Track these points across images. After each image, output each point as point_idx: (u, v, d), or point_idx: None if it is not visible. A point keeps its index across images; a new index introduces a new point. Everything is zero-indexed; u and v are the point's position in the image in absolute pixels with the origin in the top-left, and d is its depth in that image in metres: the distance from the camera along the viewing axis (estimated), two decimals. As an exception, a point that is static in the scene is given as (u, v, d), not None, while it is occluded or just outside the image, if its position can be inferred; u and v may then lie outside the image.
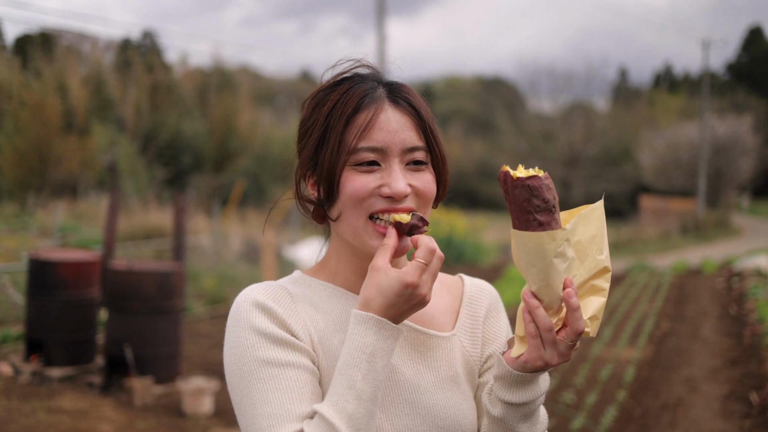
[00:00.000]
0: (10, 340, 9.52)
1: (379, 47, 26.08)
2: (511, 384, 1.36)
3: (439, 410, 1.49)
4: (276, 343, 1.39)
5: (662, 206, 35.88)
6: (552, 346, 1.30)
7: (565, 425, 6.79)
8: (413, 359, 1.52)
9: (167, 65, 40.65)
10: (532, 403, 1.38)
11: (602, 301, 1.33)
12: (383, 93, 1.47)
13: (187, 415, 7.23)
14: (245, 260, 16.64)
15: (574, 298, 1.27)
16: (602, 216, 1.35)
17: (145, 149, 32.15)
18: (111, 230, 9.93)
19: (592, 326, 1.32)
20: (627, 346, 9.90)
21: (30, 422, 6.77)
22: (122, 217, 17.60)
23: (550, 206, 1.23)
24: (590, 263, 1.32)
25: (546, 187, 1.24)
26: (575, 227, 1.29)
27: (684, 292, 14.84)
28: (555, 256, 1.24)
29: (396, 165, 1.43)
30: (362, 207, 1.42)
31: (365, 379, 1.29)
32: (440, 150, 1.51)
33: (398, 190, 1.40)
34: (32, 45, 34.31)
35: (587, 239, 1.31)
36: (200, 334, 10.21)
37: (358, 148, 1.42)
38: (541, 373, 1.36)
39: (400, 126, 1.44)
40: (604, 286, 1.34)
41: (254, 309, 1.43)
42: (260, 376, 1.36)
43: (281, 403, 1.33)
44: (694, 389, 8.04)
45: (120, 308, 7.77)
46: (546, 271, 1.25)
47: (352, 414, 1.27)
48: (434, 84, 63.54)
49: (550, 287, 1.27)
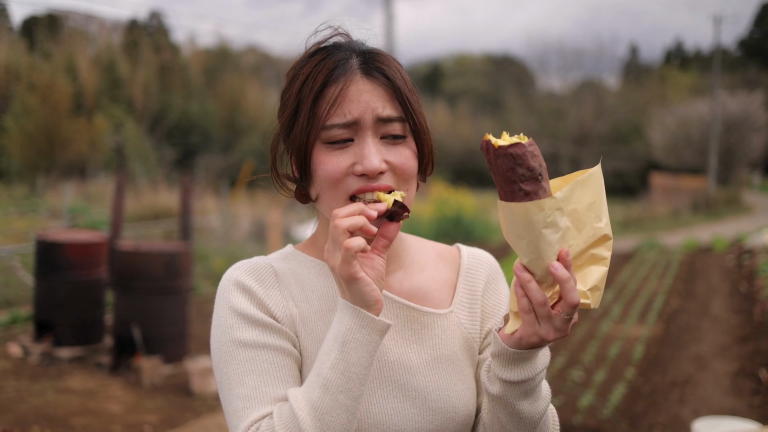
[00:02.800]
0: (19, 321, 9.57)
1: (386, 26, 25.93)
2: (508, 361, 1.29)
3: (431, 392, 1.43)
4: (254, 325, 1.36)
5: (673, 184, 35.70)
6: (547, 320, 1.23)
7: (573, 402, 6.78)
8: (405, 338, 1.46)
9: (175, 46, 40.60)
10: (532, 380, 1.31)
11: (603, 271, 1.27)
12: (356, 63, 1.38)
13: (195, 394, 7.26)
14: (254, 240, 16.64)
15: (560, 270, 1.19)
16: (600, 181, 1.26)
17: (154, 130, 32.19)
18: (118, 211, 9.93)
19: (593, 297, 1.26)
20: (636, 324, 9.87)
21: (40, 402, 6.81)
22: (131, 198, 17.65)
23: (535, 174, 1.16)
24: (588, 232, 1.24)
25: (530, 154, 1.16)
26: (570, 195, 1.20)
27: (694, 269, 14.78)
28: (544, 227, 1.18)
29: (369, 139, 1.34)
30: (339, 189, 1.35)
31: (334, 368, 1.23)
32: (420, 121, 1.41)
33: (371, 166, 1.32)
34: (39, 26, 34.31)
35: (584, 207, 1.23)
36: (209, 314, 10.17)
37: (329, 125, 1.34)
38: (538, 349, 1.28)
39: (372, 97, 1.35)
40: (605, 254, 1.27)
41: (235, 289, 1.40)
42: (237, 357, 1.34)
43: (256, 386, 1.31)
44: (704, 366, 8.01)
45: (127, 288, 7.79)
46: (536, 242, 1.19)
47: (315, 402, 1.22)
48: (443, 62, 63.27)
49: (541, 259, 1.21)
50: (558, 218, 1.19)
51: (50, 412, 6.55)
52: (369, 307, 1.26)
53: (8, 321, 9.56)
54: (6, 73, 29.36)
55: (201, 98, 34.51)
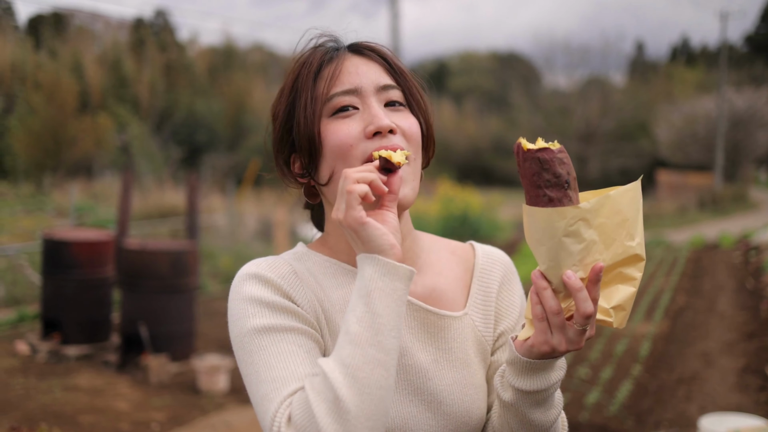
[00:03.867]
0: (27, 320, 9.61)
1: (392, 24, 25.93)
2: (521, 370, 1.27)
3: (446, 396, 1.40)
4: (274, 309, 1.30)
5: (679, 181, 35.61)
6: (560, 330, 1.20)
7: (579, 400, 6.78)
8: (422, 341, 1.42)
9: (180, 44, 40.64)
10: (545, 391, 1.28)
11: (631, 292, 1.23)
12: (345, 50, 1.43)
13: (203, 392, 7.27)
14: (261, 239, 16.65)
15: (572, 279, 1.16)
16: (637, 199, 1.23)
17: (160, 128, 32.22)
18: (124, 210, 9.95)
19: (616, 316, 1.23)
20: (643, 321, 9.86)
21: (47, 400, 6.83)
22: (138, 197, 17.67)
23: (561, 181, 1.16)
24: (618, 249, 1.21)
25: (558, 160, 1.16)
26: (598, 207, 1.18)
27: (701, 266, 14.76)
28: (565, 235, 1.17)
29: (374, 103, 1.36)
30: (352, 156, 1.33)
31: (360, 322, 1.17)
32: (419, 94, 1.44)
33: (382, 123, 1.32)
34: (45, 25, 34.38)
35: (616, 223, 1.20)
36: (216, 312, 10.25)
37: (332, 94, 1.36)
38: (552, 360, 1.26)
39: (368, 68, 1.39)
40: (635, 275, 1.23)
41: (250, 280, 1.34)
42: (260, 344, 1.27)
43: (285, 366, 1.23)
44: (710, 363, 8.00)
45: (134, 287, 7.81)
46: (555, 250, 1.18)
47: (345, 359, 1.15)
48: (449, 60, 63.18)
49: (558, 268, 1.19)
50: (582, 229, 1.17)
51: (58, 410, 6.58)
52: (385, 252, 1.21)
53: (16, 319, 9.60)
54: (12, 72, 29.44)
55: (207, 97, 34.54)
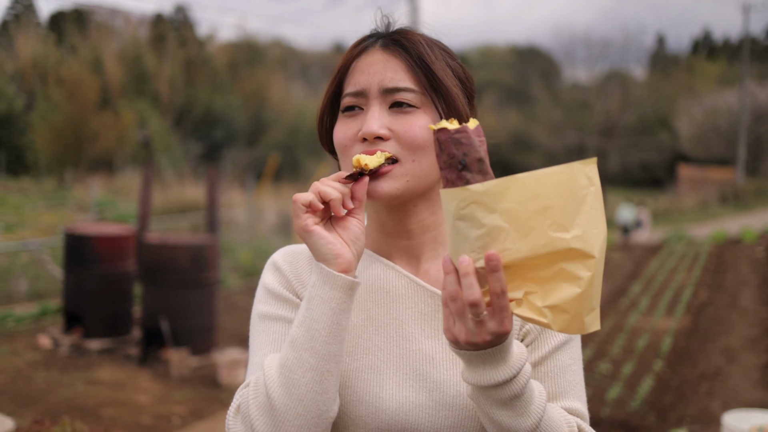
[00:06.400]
0: (49, 313, 9.69)
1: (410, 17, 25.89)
2: (463, 359, 1.17)
3: (450, 386, 1.35)
4: (275, 299, 1.41)
5: (701, 175, 35.36)
6: (460, 319, 1.11)
7: (601, 395, 6.74)
8: (433, 328, 1.39)
9: (200, 39, 40.77)
10: (498, 390, 1.16)
11: (575, 292, 1.07)
12: (378, 40, 1.41)
13: (223, 386, 7.30)
14: (280, 233, 16.69)
15: (464, 264, 1.07)
16: (575, 184, 1.08)
17: (179, 124, 32.36)
18: (145, 204, 10.00)
19: (555, 318, 1.09)
20: (664, 316, 9.79)
21: (69, 393, 6.89)
22: (158, 192, 17.76)
23: (455, 162, 1.10)
24: (539, 239, 1.06)
25: (454, 141, 1.10)
26: (499, 191, 1.06)
27: (722, 261, 14.63)
28: (458, 218, 1.09)
29: (375, 107, 1.35)
30: (347, 155, 1.38)
31: (299, 325, 1.25)
32: (449, 92, 1.38)
33: (368, 130, 1.33)
34: (66, 22, 34.62)
35: (533, 210, 1.06)
36: (236, 306, 10.29)
37: (345, 93, 1.40)
38: (488, 353, 1.13)
39: (383, 67, 1.37)
40: (581, 273, 1.07)
41: (270, 268, 1.47)
42: (257, 328, 1.41)
43: (263, 354, 1.36)
44: (733, 359, 7.93)
45: (155, 281, 7.85)
46: (452, 234, 1.11)
47: (283, 360, 1.24)
48: (468, 55, 63.02)
49: (457, 253, 1.10)
50: (478, 213, 1.07)
51: (80, 403, 6.63)
52: (328, 261, 1.26)
53: (38, 313, 9.68)
54: (34, 69, 29.66)
55: (226, 92, 34.62)
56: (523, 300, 1.10)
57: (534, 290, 1.10)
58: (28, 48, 30.48)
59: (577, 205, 1.08)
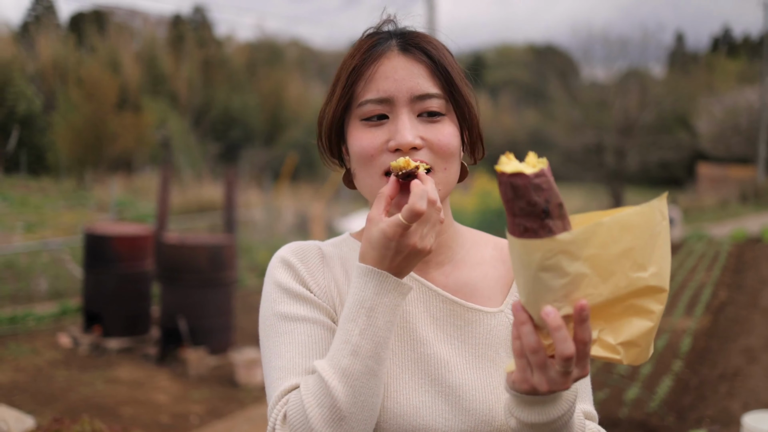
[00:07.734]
0: (69, 312, 9.76)
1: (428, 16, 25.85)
2: (516, 401, 1.19)
3: (467, 392, 1.35)
4: (295, 298, 1.37)
5: (720, 174, 35.09)
6: (540, 370, 1.10)
7: (619, 395, 6.71)
8: (448, 333, 1.40)
9: (218, 40, 40.92)
10: (548, 425, 1.19)
11: (647, 326, 1.09)
12: (395, 42, 1.37)
13: (241, 385, 7.33)
14: (298, 233, 16.73)
15: (551, 316, 1.05)
16: (653, 222, 1.08)
17: (197, 124, 32.50)
18: (163, 204, 10.05)
19: (627, 353, 1.10)
20: (683, 316, 9.73)
21: (89, 391, 6.94)
22: (176, 192, 17.86)
23: (537, 210, 1.02)
24: (620, 281, 1.06)
25: (534, 186, 1.02)
26: (585, 238, 1.04)
27: (743, 260, 14.51)
28: (541, 270, 1.04)
29: (404, 115, 1.32)
30: (373, 165, 1.34)
31: (363, 334, 1.23)
32: (464, 99, 1.38)
33: (404, 141, 1.30)
34: (86, 23, 34.84)
35: (615, 253, 1.05)
36: (253, 306, 10.32)
37: (364, 100, 1.34)
38: (548, 395, 1.15)
39: (408, 73, 1.33)
40: (653, 308, 1.09)
41: (280, 265, 1.42)
42: (277, 329, 1.36)
43: (291, 357, 1.31)
44: (753, 359, 7.86)
45: (173, 281, 7.89)
46: (531, 284, 1.06)
47: (345, 369, 1.21)
48: (485, 53, 62.88)
49: (537, 303, 1.07)
50: (564, 263, 1.04)
51: (99, 402, 6.68)
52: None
53: (58, 312, 9.76)
54: (54, 69, 29.87)
55: (244, 92, 34.73)
56: (596, 339, 1.11)
57: (603, 326, 1.11)
58: (48, 49, 30.70)
59: (654, 241, 1.08)
